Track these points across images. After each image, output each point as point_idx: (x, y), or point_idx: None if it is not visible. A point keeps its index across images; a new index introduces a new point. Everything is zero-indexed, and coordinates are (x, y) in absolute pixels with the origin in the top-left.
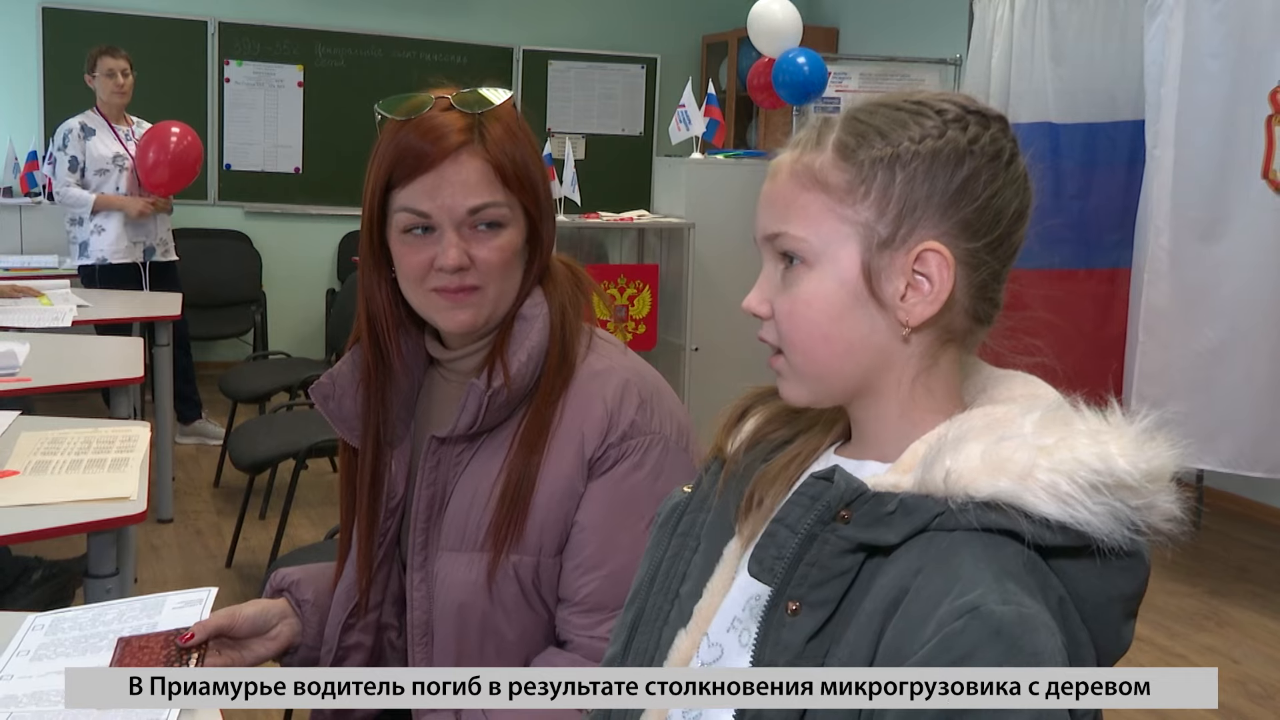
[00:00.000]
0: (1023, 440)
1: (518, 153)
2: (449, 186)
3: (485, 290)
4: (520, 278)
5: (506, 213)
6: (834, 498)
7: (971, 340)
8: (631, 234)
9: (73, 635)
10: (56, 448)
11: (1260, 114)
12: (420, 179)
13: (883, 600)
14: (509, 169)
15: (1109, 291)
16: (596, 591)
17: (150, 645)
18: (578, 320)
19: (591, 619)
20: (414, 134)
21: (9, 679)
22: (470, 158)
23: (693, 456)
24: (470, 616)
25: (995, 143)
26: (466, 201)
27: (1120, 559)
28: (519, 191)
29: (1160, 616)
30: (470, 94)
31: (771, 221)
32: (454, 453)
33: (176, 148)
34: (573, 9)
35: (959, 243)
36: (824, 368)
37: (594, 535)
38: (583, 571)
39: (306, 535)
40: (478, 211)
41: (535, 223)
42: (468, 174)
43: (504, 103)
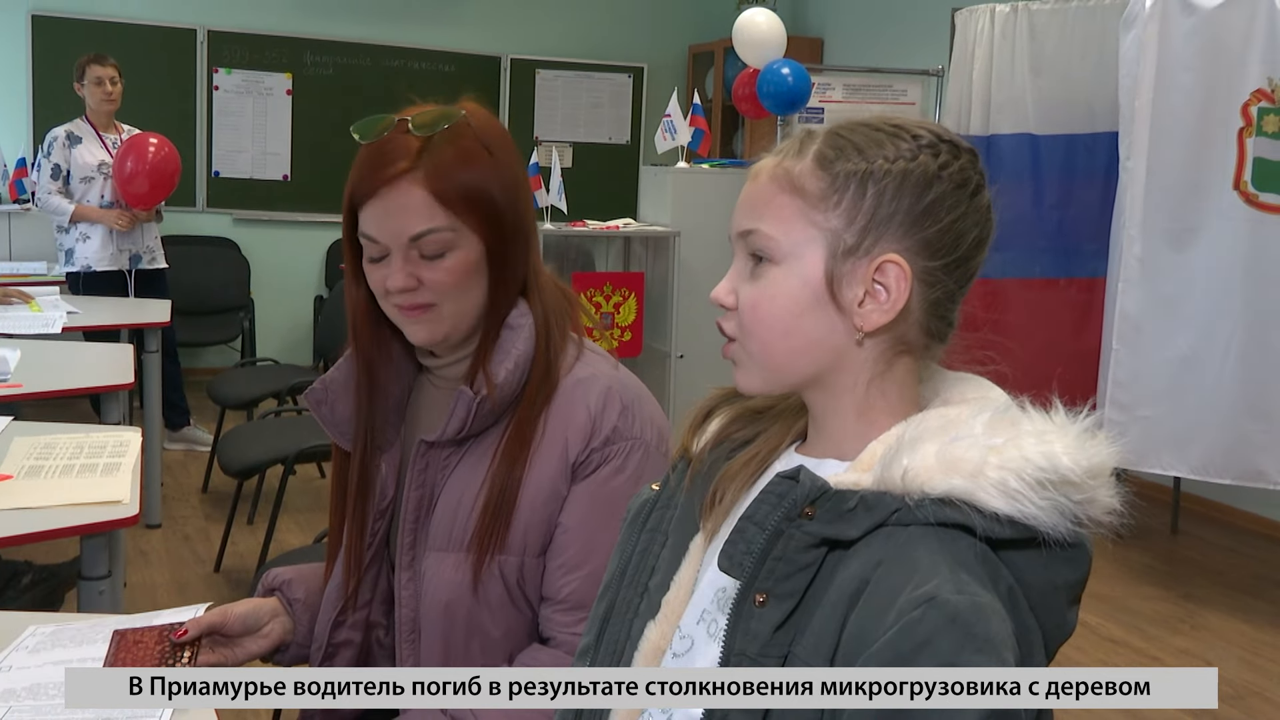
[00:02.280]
0: (974, 440)
1: (466, 175)
2: (392, 214)
3: (440, 307)
4: (484, 291)
5: (450, 236)
6: (799, 496)
7: (926, 355)
8: (617, 242)
9: (70, 633)
10: (49, 453)
11: (1232, 126)
12: (370, 204)
13: (845, 591)
14: (453, 194)
15: (1088, 300)
16: (578, 590)
17: (144, 640)
18: (563, 330)
19: (573, 616)
20: (368, 159)
21: (8, 670)
22: (411, 185)
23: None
24: (456, 615)
25: (963, 172)
26: (407, 229)
27: (1064, 550)
28: (466, 214)
29: (1136, 620)
30: (428, 114)
31: (746, 219)
32: (442, 456)
33: (154, 159)
34: (560, 19)
35: (918, 260)
36: (780, 360)
37: (576, 536)
38: (565, 571)
39: (294, 540)
40: (419, 238)
41: (492, 240)
42: (408, 200)
43: (458, 123)
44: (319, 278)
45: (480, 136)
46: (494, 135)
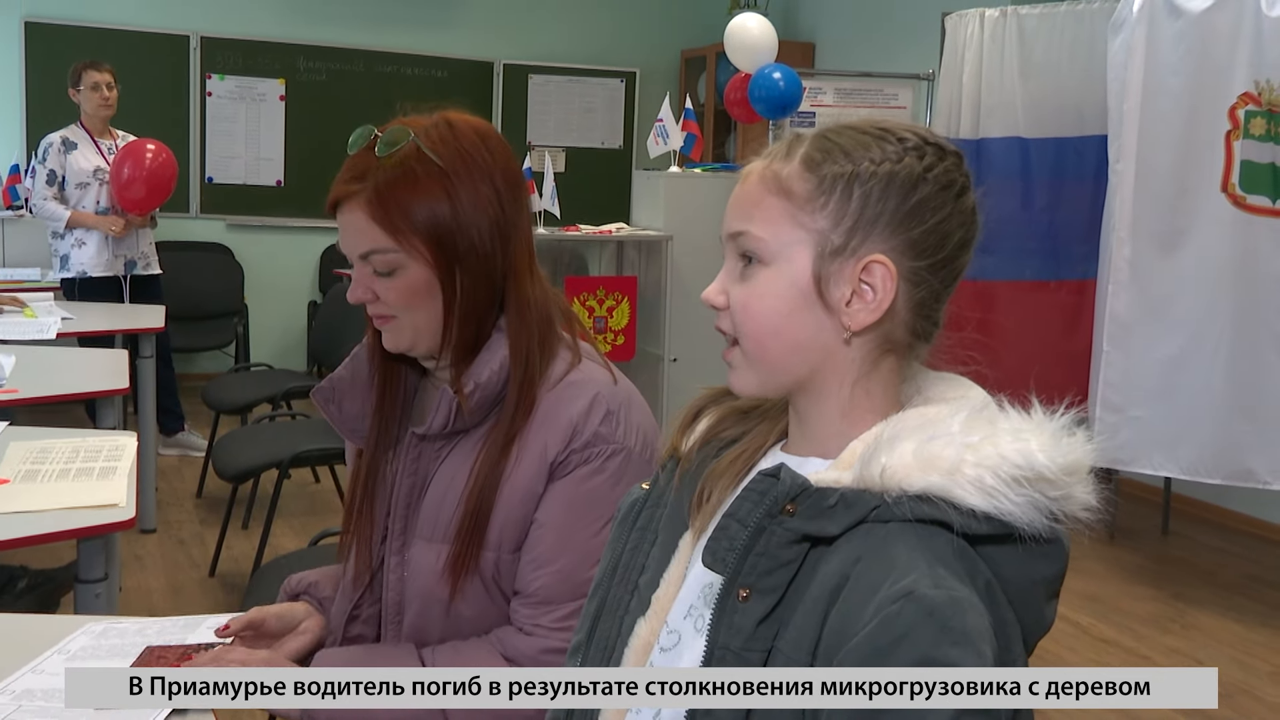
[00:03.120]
0: (951, 438)
1: (409, 200)
2: (345, 230)
3: (399, 320)
4: (440, 307)
5: (396, 257)
6: (780, 493)
7: (911, 354)
8: (611, 246)
9: (112, 642)
10: (45, 457)
11: (1219, 129)
12: (337, 217)
13: (826, 586)
14: (394, 217)
15: (1078, 302)
16: (546, 586)
17: (167, 656)
18: (550, 339)
19: (539, 611)
20: (339, 173)
21: (39, 673)
22: (355, 206)
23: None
24: (435, 602)
25: (949, 174)
26: (356, 247)
27: (1041, 545)
28: (409, 236)
29: (1126, 619)
30: (391, 132)
31: (736, 221)
32: (434, 448)
33: (151, 165)
34: (553, 23)
35: (904, 260)
36: (773, 359)
37: (549, 533)
38: (535, 566)
39: (289, 544)
40: (366, 257)
41: (441, 263)
42: (353, 220)
43: (407, 146)
44: (312, 283)
45: (439, 158)
46: (456, 156)
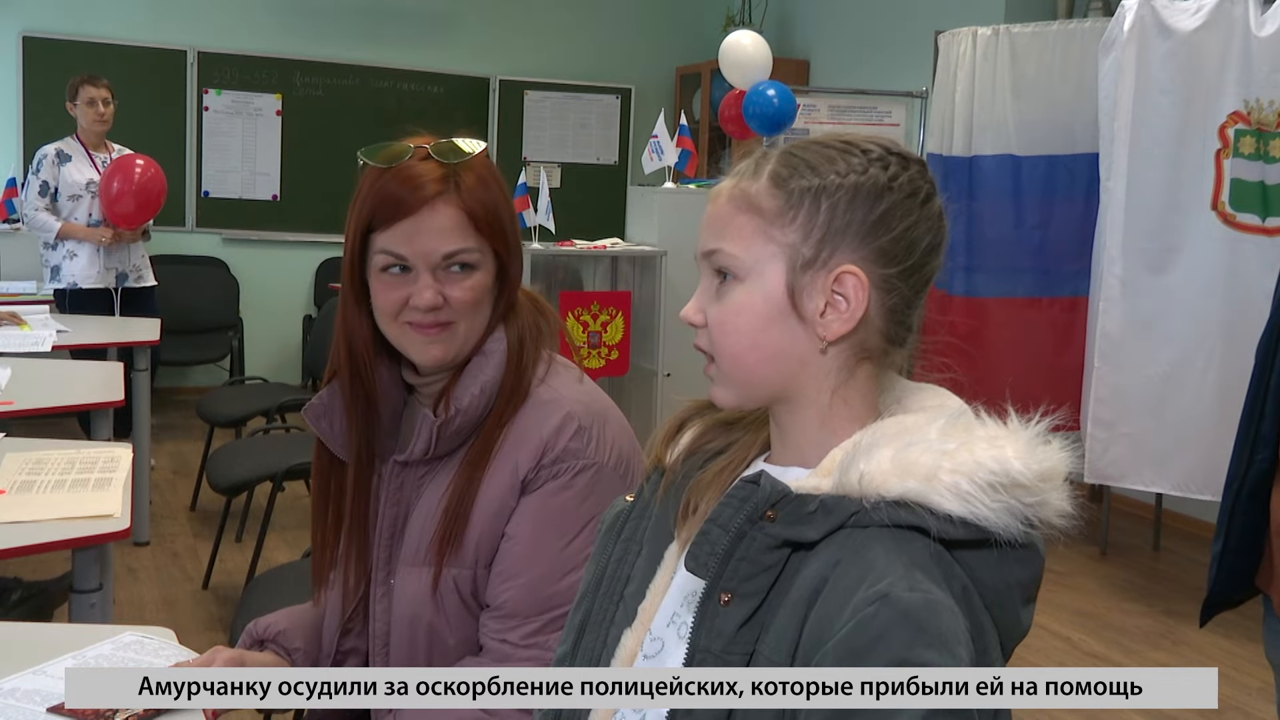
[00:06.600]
0: (928, 445)
1: (489, 200)
2: (426, 233)
3: (457, 326)
4: (489, 313)
5: (478, 256)
6: (761, 499)
7: (887, 360)
8: (605, 261)
9: (131, 655)
10: (41, 468)
11: (1209, 148)
12: (399, 224)
13: (806, 590)
14: (481, 216)
15: (1069, 319)
16: (513, 599)
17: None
18: (535, 348)
19: (505, 624)
20: (394, 182)
21: (40, 674)
22: (445, 206)
23: (632, 484)
24: (420, 626)
25: (913, 182)
26: (442, 247)
27: (1016, 550)
28: (490, 236)
29: (1118, 635)
30: (446, 144)
31: (710, 239)
32: (416, 475)
33: (140, 179)
34: (549, 40)
35: (875, 268)
36: (750, 373)
37: (516, 546)
38: (503, 579)
39: (282, 557)
40: (452, 256)
41: (504, 263)
42: (443, 221)
43: (478, 153)
44: (308, 297)
45: (492, 167)
46: (494, 167)
